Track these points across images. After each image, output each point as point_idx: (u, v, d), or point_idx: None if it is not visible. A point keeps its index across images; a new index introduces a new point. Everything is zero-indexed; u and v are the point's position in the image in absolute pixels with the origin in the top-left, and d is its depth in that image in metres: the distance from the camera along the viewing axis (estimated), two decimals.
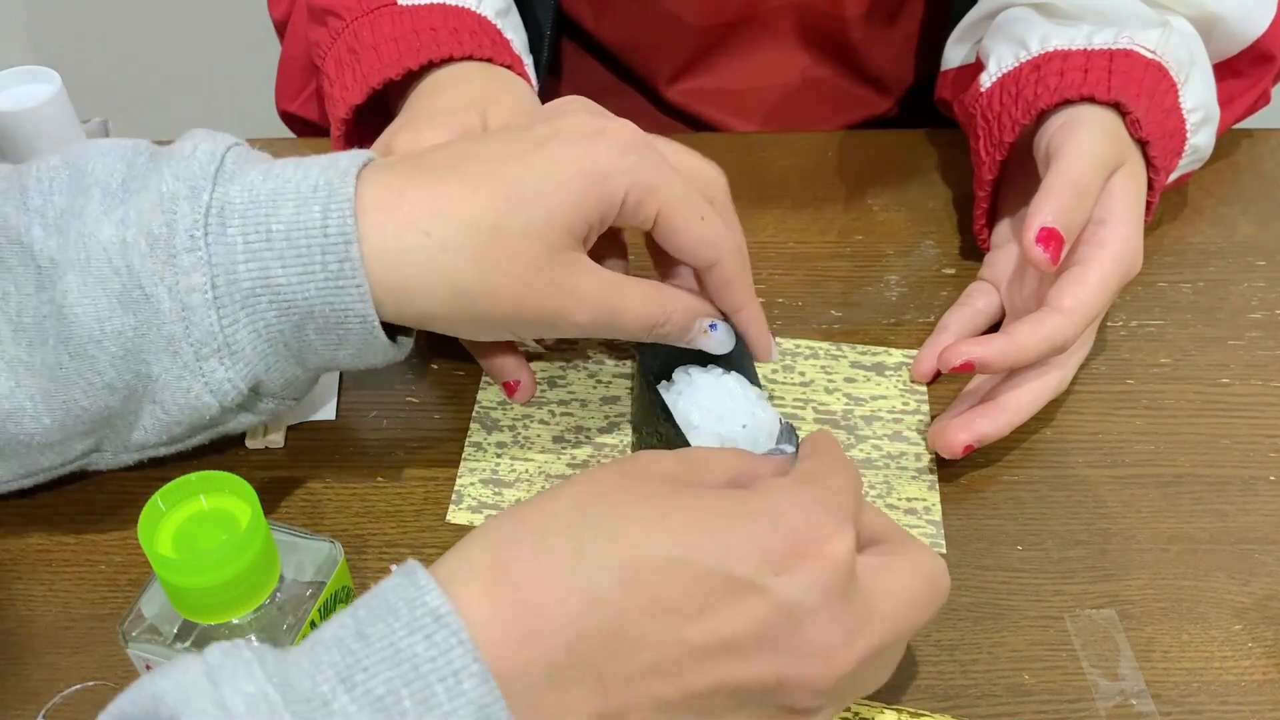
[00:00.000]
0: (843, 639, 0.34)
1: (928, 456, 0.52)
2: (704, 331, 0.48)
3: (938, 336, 0.56)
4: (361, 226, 0.42)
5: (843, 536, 0.34)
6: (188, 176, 0.42)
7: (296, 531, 0.42)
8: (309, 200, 0.42)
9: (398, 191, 0.43)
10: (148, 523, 0.38)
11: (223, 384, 0.43)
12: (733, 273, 0.47)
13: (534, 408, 0.54)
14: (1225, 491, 0.51)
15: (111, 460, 0.47)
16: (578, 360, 0.56)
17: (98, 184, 0.42)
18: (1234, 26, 0.61)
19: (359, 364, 0.46)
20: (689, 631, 0.33)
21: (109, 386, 0.42)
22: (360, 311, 0.42)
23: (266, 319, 0.43)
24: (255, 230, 0.42)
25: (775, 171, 0.67)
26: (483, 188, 0.43)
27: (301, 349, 0.44)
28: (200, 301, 0.41)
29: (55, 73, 0.62)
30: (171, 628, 0.40)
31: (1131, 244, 0.51)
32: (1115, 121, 0.53)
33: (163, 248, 0.41)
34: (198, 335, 0.42)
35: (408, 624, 0.31)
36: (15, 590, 0.47)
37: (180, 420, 0.44)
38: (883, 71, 0.76)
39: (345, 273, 0.42)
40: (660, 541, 0.33)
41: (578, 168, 0.44)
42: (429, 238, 0.42)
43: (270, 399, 0.46)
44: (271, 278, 0.42)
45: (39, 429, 0.43)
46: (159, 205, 0.42)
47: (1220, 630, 0.46)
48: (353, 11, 0.58)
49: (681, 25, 0.71)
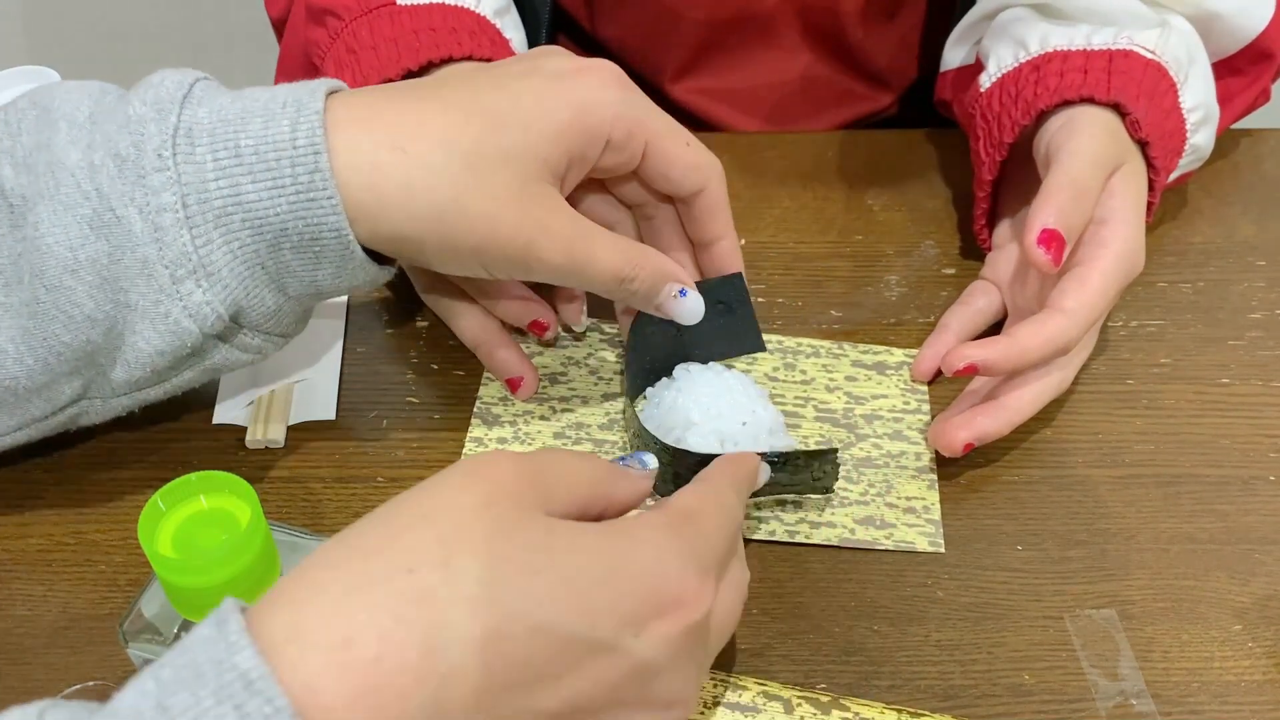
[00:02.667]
0: (689, 689, 0.35)
1: (928, 456, 0.52)
2: (673, 296, 0.48)
3: (938, 336, 0.56)
4: (333, 140, 0.42)
5: (703, 593, 0.35)
6: (155, 101, 0.42)
7: (296, 531, 0.42)
8: (277, 115, 0.42)
9: (373, 109, 0.43)
10: (148, 523, 0.38)
11: (201, 307, 0.42)
12: (719, 198, 0.49)
13: (535, 404, 0.54)
14: (1225, 491, 0.51)
15: (102, 409, 0.46)
16: (579, 357, 0.56)
17: (64, 117, 0.42)
18: (1233, 24, 0.61)
19: (341, 285, 0.45)
20: (544, 699, 0.31)
21: (88, 318, 0.42)
22: (333, 225, 0.42)
23: (241, 238, 0.42)
24: (224, 147, 0.41)
25: (775, 171, 0.67)
26: (462, 111, 0.43)
27: (280, 270, 0.44)
28: (172, 221, 0.41)
29: (55, 73, 0.62)
30: (171, 628, 0.40)
31: (1133, 244, 0.51)
32: (1115, 122, 0.53)
33: (131, 168, 0.41)
34: (171, 256, 0.41)
35: (214, 691, 0.27)
36: (15, 590, 0.47)
37: (163, 350, 0.43)
38: (883, 68, 0.76)
39: (316, 184, 0.41)
40: (525, 609, 0.31)
41: (562, 100, 0.44)
42: (405, 154, 0.42)
43: (254, 332, 0.45)
44: (242, 194, 0.41)
45: (22, 370, 0.42)
46: (126, 128, 0.41)
47: (1220, 630, 0.46)
48: (351, 11, 0.58)
49: (681, 22, 0.71)
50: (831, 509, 0.49)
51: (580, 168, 0.46)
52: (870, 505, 0.50)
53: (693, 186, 0.48)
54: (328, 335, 0.57)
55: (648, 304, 0.48)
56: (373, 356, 0.57)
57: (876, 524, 0.49)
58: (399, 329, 0.58)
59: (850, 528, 0.49)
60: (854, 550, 0.48)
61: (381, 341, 0.58)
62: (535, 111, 0.44)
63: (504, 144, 0.43)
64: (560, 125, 0.44)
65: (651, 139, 0.46)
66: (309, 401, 0.54)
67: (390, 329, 0.58)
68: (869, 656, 0.45)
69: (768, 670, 0.44)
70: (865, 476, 0.51)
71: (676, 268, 0.48)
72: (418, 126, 0.43)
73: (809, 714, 0.42)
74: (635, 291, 0.47)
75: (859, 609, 0.46)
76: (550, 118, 0.44)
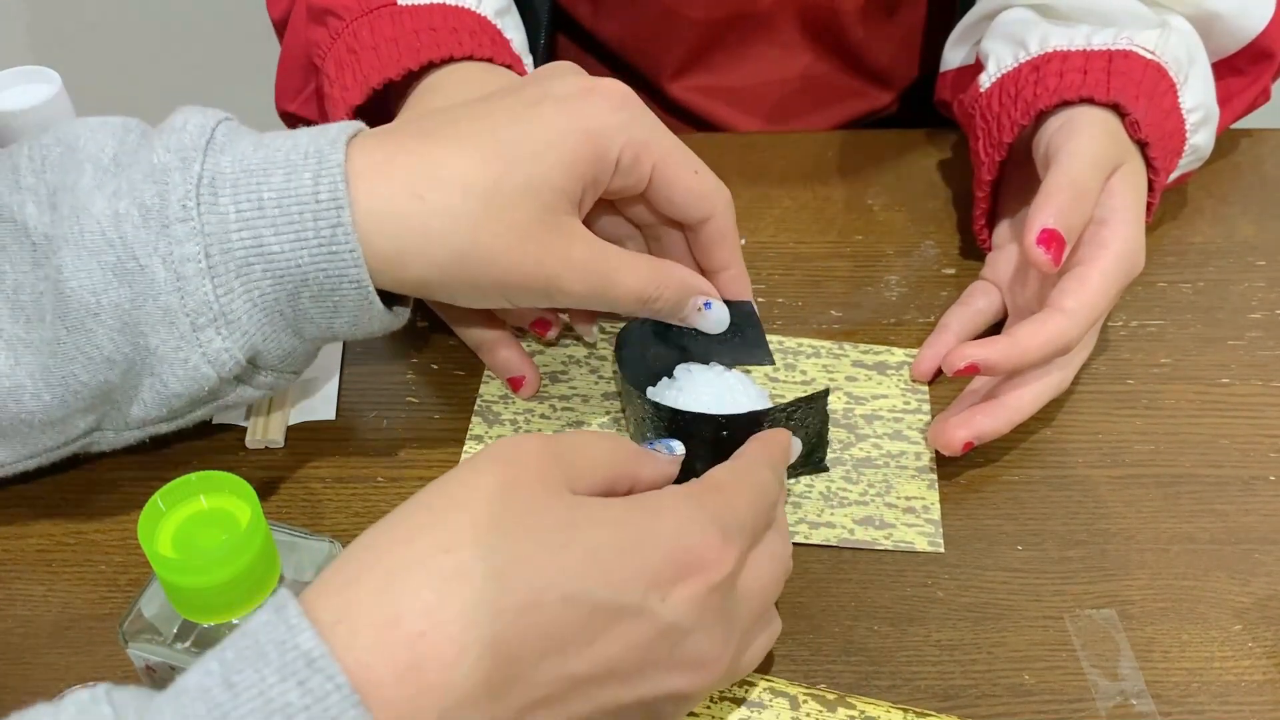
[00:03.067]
0: (718, 649, 0.36)
1: (928, 455, 0.52)
2: (698, 310, 0.49)
3: (938, 335, 0.56)
4: (353, 192, 0.42)
5: (727, 555, 0.36)
6: (179, 148, 0.42)
7: (296, 531, 0.42)
8: (299, 167, 0.42)
9: (389, 156, 0.43)
10: (148, 523, 0.38)
11: (220, 354, 0.43)
12: (726, 227, 0.48)
13: (536, 402, 0.54)
14: (1225, 491, 0.50)
15: (114, 440, 0.47)
16: (580, 356, 0.56)
17: (89, 159, 0.43)
18: (1232, 24, 0.61)
19: (357, 333, 0.46)
20: (576, 664, 0.33)
21: (108, 360, 0.42)
22: (354, 277, 0.42)
23: (261, 287, 0.42)
24: (247, 199, 0.42)
25: (775, 171, 0.67)
26: (476, 150, 0.44)
27: (298, 318, 0.44)
28: (194, 271, 0.41)
29: (55, 73, 0.62)
30: (171, 628, 0.40)
31: (1133, 244, 0.51)
32: (1114, 122, 0.53)
33: (155, 218, 0.41)
34: (193, 305, 0.42)
35: (278, 669, 0.29)
36: (15, 590, 0.47)
37: (180, 393, 0.44)
38: (884, 66, 0.76)
39: (338, 238, 0.42)
40: (556, 581, 0.33)
41: (570, 126, 0.44)
42: (423, 202, 0.43)
43: (269, 372, 0.46)
44: (265, 245, 0.42)
45: (39, 406, 0.43)
46: (151, 176, 0.42)
47: (1220, 630, 0.46)
48: (352, 12, 0.58)
49: (681, 21, 0.71)
50: (831, 509, 0.49)
51: (595, 191, 0.46)
52: (870, 505, 0.50)
53: (698, 214, 0.48)
54: None
55: (673, 318, 0.49)
56: (373, 356, 0.57)
57: (876, 524, 0.49)
58: (399, 329, 0.58)
59: (849, 528, 0.49)
60: (854, 550, 0.48)
61: (381, 341, 0.58)
62: (548, 140, 0.44)
63: (520, 180, 0.43)
64: (574, 153, 0.44)
65: (658, 162, 0.46)
66: (309, 401, 0.54)
67: None
68: (869, 656, 0.45)
69: (768, 670, 0.44)
70: (865, 476, 0.51)
71: (700, 280, 0.49)
72: (435, 171, 0.43)
73: (814, 711, 0.42)
74: (660, 309, 0.48)
75: (859, 609, 0.46)
76: (564, 146, 0.44)
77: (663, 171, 0.46)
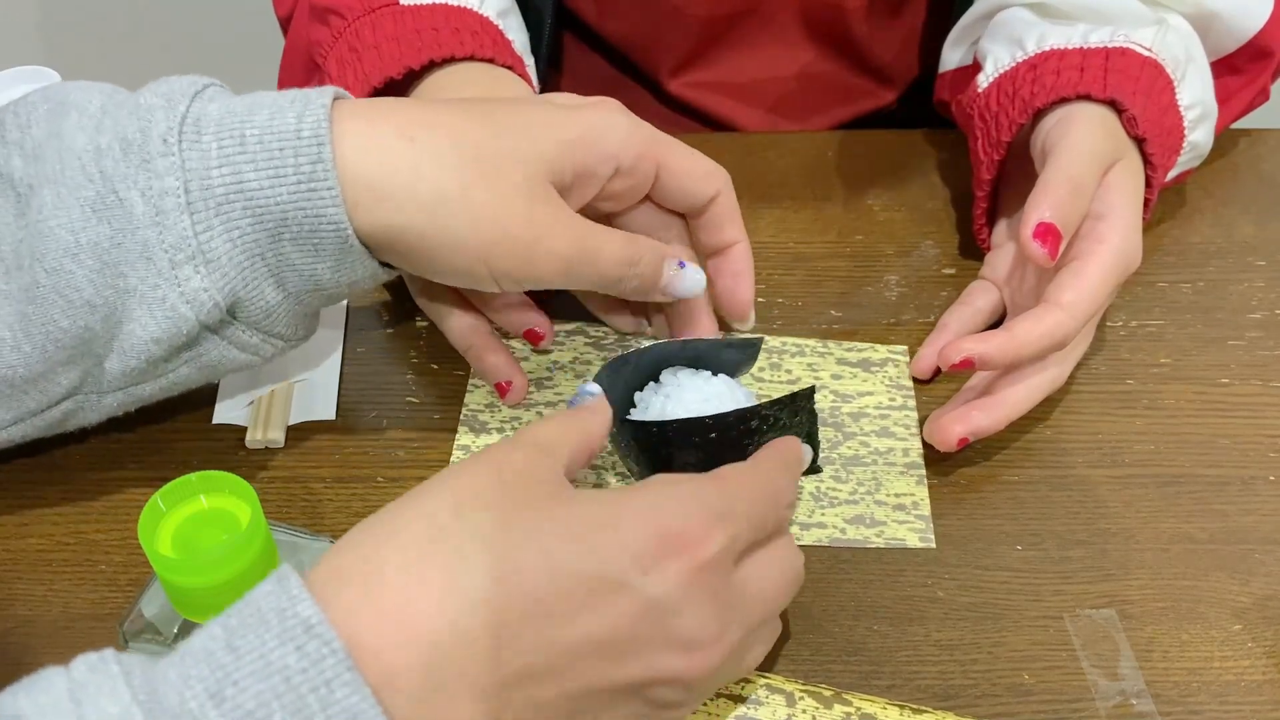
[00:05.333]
0: (711, 634, 0.35)
1: (916, 452, 0.52)
2: (674, 272, 0.49)
3: (938, 335, 0.56)
4: (340, 128, 0.42)
5: (713, 534, 0.35)
6: (165, 93, 0.43)
7: (296, 531, 0.42)
8: (284, 108, 0.42)
9: (381, 107, 0.44)
10: (148, 523, 0.38)
11: (199, 293, 0.43)
12: (730, 202, 0.50)
13: (521, 409, 0.54)
14: (1225, 491, 0.51)
15: (97, 405, 0.46)
16: (564, 361, 0.56)
17: (75, 107, 0.43)
18: (1231, 23, 0.61)
19: (341, 280, 0.45)
20: (563, 634, 0.33)
21: (87, 303, 0.42)
22: (333, 216, 0.42)
23: (241, 227, 0.42)
24: (229, 136, 0.42)
25: (775, 171, 0.67)
26: (470, 113, 0.45)
27: (279, 264, 0.44)
28: (173, 205, 0.41)
29: (55, 73, 0.62)
30: (171, 628, 0.40)
31: (1130, 238, 0.51)
32: (1111, 118, 0.53)
33: (136, 152, 0.41)
34: (171, 240, 0.42)
35: (278, 634, 0.31)
36: (15, 590, 0.47)
37: (159, 337, 0.43)
38: (886, 64, 0.76)
39: (317, 174, 0.42)
40: (537, 547, 0.34)
41: (570, 121, 0.45)
42: (413, 142, 0.43)
43: (253, 330, 0.45)
44: (244, 182, 0.42)
45: (19, 359, 0.43)
46: (135, 114, 0.42)
47: (1220, 630, 0.46)
48: (354, 11, 0.58)
49: (684, 17, 0.71)
50: (821, 509, 0.49)
51: (585, 186, 0.46)
52: (860, 504, 0.50)
53: (709, 192, 0.49)
54: (328, 335, 0.57)
55: (653, 289, 0.48)
56: (373, 356, 0.57)
57: (866, 522, 0.49)
58: (399, 329, 0.58)
59: (840, 527, 0.49)
60: (853, 550, 0.48)
61: (381, 341, 0.58)
62: (542, 126, 0.45)
63: (511, 145, 0.44)
64: (568, 139, 0.45)
65: (663, 158, 0.48)
66: (309, 401, 0.54)
67: (390, 329, 0.58)
68: (869, 656, 0.45)
69: (768, 669, 0.44)
70: (854, 475, 0.51)
71: (670, 247, 0.50)
72: (426, 121, 0.44)
73: (811, 707, 0.42)
74: (641, 274, 0.47)
75: (859, 609, 0.46)
76: (558, 133, 0.45)
77: (669, 163, 0.48)
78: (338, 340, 0.57)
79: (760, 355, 0.55)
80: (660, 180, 0.48)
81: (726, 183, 0.50)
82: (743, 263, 0.52)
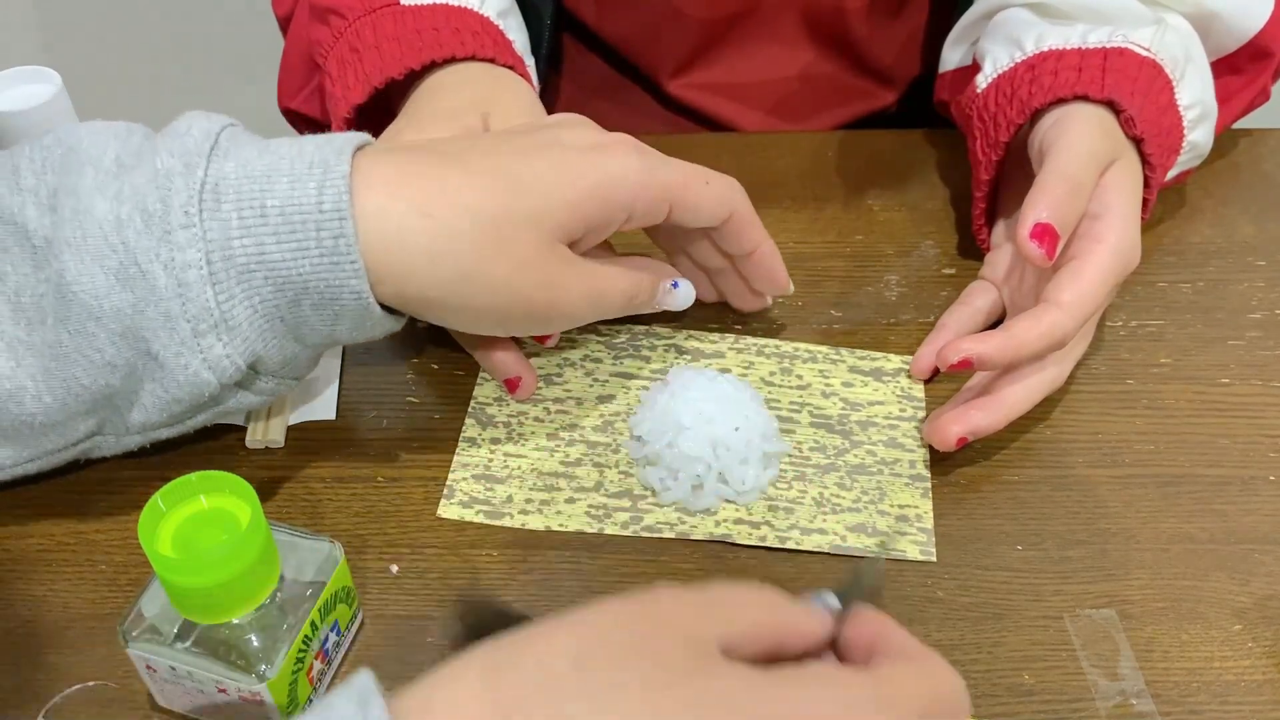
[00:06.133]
0: None
1: (922, 464, 0.51)
2: (667, 291, 0.51)
3: (937, 335, 0.56)
4: (359, 204, 0.42)
5: None
6: (182, 153, 0.42)
7: (296, 531, 0.42)
8: (304, 177, 0.42)
9: (398, 172, 0.44)
10: (148, 523, 0.38)
11: (221, 360, 0.43)
12: (748, 214, 0.51)
13: (530, 404, 0.54)
14: (1225, 491, 0.51)
15: (115, 445, 0.47)
16: (575, 358, 0.56)
17: (90, 161, 0.43)
18: (1231, 23, 0.61)
19: (358, 338, 0.46)
20: None
21: (109, 364, 0.42)
22: (355, 287, 0.43)
23: (262, 294, 0.43)
24: (250, 206, 0.42)
25: (775, 171, 0.67)
26: (485, 177, 0.44)
27: (299, 325, 0.44)
28: (196, 278, 0.41)
29: (55, 73, 0.62)
30: (171, 628, 0.40)
31: (1128, 238, 0.51)
32: (1109, 118, 0.53)
33: (158, 224, 0.41)
34: (194, 311, 0.42)
35: None
36: (15, 590, 0.47)
37: (180, 398, 0.44)
38: (887, 65, 0.76)
39: (340, 249, 0.42)
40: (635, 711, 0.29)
41: (582, 172, 0.46)
42: (430, 220, 0.43)
43: (269, 377, 0.46)
44: (266, 254, 0.42)
45: (40, 409, 0.43)
46: (153, 181, 0.42)
47: (1220, 630, 0.46)
48: (355, 11, 0.58)
49: (684, 19, 0.71)
50: (824, 515, 0.49)
51: (597, 234, 0.47)
52: (862, 513, 0.49)
53: (722, 217, 0.50)
54: None
55: (648, 307, 0.51)
56: (373, 357, 0.57)
57: (868, 531, 0.49)
58: (399, 331, 0.58)
59: (842, 535, 0.49)
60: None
61: (381, 342, 0.57)
62: (555, 181, 0.45)
63: (525, 209, 0.44)
64: (579, 195, 0.45)
65: (676, 198, 0.48)
66: (309, 401, 0.54)
67: None
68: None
69: None
70: (858, 483, 0.51)
71: (663, 266, 0.52)
72: (443, 192, 0.44)
73: None
74: (641, 304, 0.50)
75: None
76: (571, 188, 0.45)
77: (681, 200, 0.48)
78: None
79: (772, 360, 0.56)
80: (674, 214, 0.49)
81: (741, 198, 0.51)
82: (771, 261, 0.54)
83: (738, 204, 0.50)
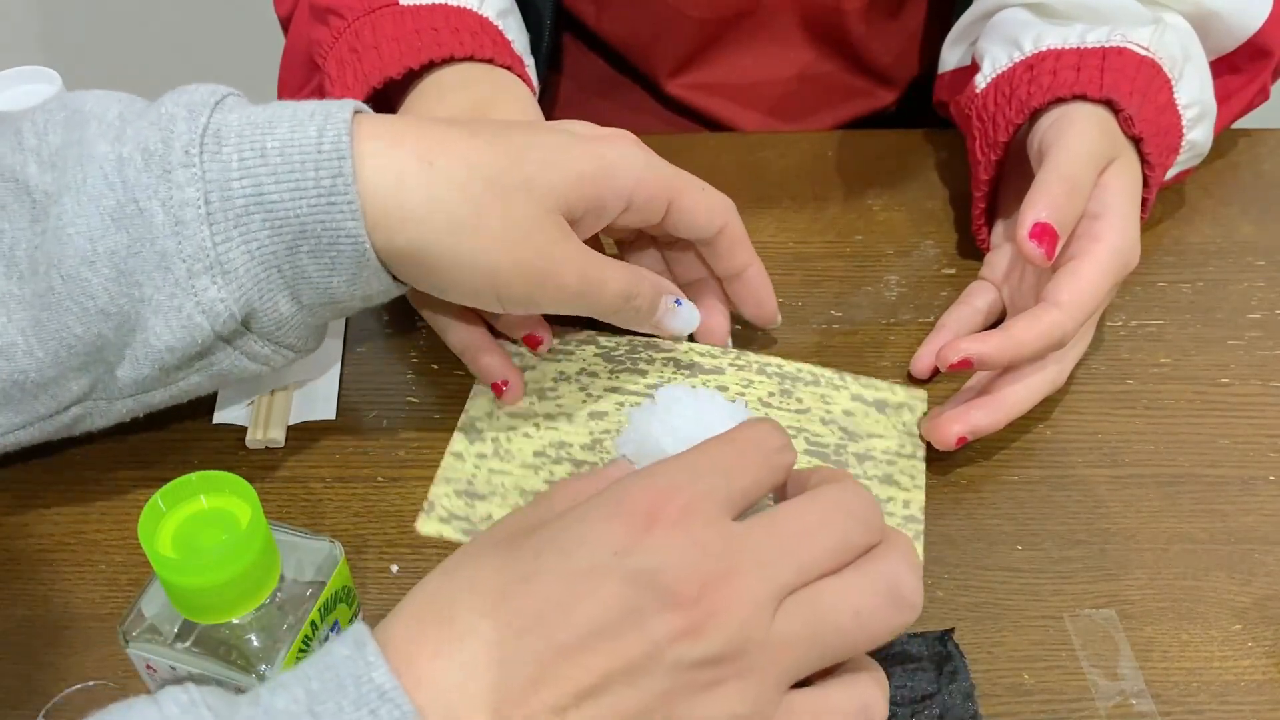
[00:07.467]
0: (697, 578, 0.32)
1: (917, 506, 0.50)
2: (669, 309, 0.51)
3: (937, 335, 0.55)
4: (360, 147, 0.43)
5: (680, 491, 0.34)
6: (187, 103, 0.43)
7: (296, 531, 0.42)
8: (305, 121, 0.43)
9: (401, 124, 0.44)
10: (148, 523, 0.38)
11: (215, 304, 0.43)
12: (740, 231, 0.51)
13: (520, 420, 0.52)
14: (1225, 491, 0.51)
15: (106, 411, 0.47)
16: (570, 372, 0.54)
17: (94, 116, 0.43)
18: (1230, 22, 0.61)
19: (355, 294, 0.45)
20: (560, 635, 0.32)
21: (101, 311, 0.42)
22: (351, 230, 0.42)
23: (259, 239, 0.43)
24: (250, 147, 0.42)
25: (775, 171, 0.67)
26: (487, 139, 0.45)
27: (295, 276, 0.44)
28: (193, 216, 0.42)
29: (55, 73, 0.62)
30: (171, 628, 0.40)
31: (1127, 237, 0.51)
32: (1107, 118, 0.54)
33: (158, 162, 0.42)
34: (189, 250, 0.42)
35: (355, 701, 0.31)
36: (15, 590, 0.47)
37: (173, 345, 0.44)
38: (886, 65, 0.76)
39: (337, 189, 0.42)
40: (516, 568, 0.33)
41: (585, 153, 0.46)
42: (431, 168, 0.43)
43: (264, 340, 0.46)
44: (264, 194, 0.42)
45: (32, 363, 0.43)
46: (156, 124, 0.42)
47: (1220, 630, 0.46)
48: (354, 11, 0.58)
49: (683, 19, 0.71)
50: None
51: (595, 219, 0.47)
52: None
53: (715, 228, 0.50)
54: (328, 335, 0.57)
55: (648, 320, 0.50)
56: (373, 356, 0.57)
57: None
58: (399, 329, 0.58)
59: None
60: None
61: (381, 341, 0.58)
62: (558, 156, 0.45)
63: (525, 174, 0.44)
64: (581, 173, 0.45)
65: (674, 198, 0.48)
66: (309, 401, 0.54)
67: (390, 329, 0.58)
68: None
69: None
70: None
71: (669, 283, 0.51)
72: (444, 145, 0.44)
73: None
74: (639, 308, 0.49)
75: None
76: (572, 165, 0.45)
77: (679, 202, 0.48)
78: (338, 340, 0.57)
79: (773, 379, 0.53)
80: (669, 216, 0.49)
81: (733, 213, 0.51)
82: (759, 283, 0.53)
83: (730, 218, 0.51)
